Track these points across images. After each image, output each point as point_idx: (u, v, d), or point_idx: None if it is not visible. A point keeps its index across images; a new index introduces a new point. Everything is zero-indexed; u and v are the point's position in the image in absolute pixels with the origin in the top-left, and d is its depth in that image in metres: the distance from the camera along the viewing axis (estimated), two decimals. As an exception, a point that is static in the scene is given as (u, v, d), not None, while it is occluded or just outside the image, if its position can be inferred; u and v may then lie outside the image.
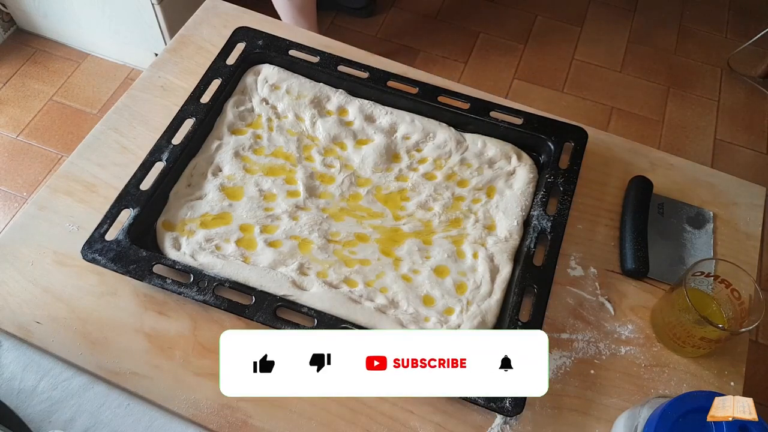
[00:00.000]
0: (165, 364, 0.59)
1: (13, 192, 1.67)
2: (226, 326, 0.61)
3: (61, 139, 1.77)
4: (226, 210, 0.66)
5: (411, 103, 0.74)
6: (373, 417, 0.57)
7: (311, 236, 0.65)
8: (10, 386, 0.57)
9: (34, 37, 1.97)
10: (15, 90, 1.86)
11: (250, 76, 0.76)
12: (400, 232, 0.66)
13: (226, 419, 0.56)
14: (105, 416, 0.56)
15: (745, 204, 0.73)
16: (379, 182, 0.70)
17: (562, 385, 0.60)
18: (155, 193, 0.65)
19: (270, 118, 0.73)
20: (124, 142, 0.73)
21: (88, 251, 0.60)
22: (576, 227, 0.69)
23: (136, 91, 0.77)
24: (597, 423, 0.58)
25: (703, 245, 0.69)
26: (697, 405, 0.48)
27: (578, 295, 0.65)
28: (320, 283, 0.61)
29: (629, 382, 0.61)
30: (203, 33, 0.83)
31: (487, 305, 0.61)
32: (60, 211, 0.67)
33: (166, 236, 0.64)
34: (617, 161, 0.75)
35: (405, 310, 0.61)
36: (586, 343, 0.62)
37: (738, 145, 1.88)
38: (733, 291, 0.60)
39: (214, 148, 0.70)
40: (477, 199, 0.69)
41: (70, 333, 0.60)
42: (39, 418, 0.56)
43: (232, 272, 0.61)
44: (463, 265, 0.64)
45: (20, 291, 0.62)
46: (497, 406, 0.55)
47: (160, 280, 0.59)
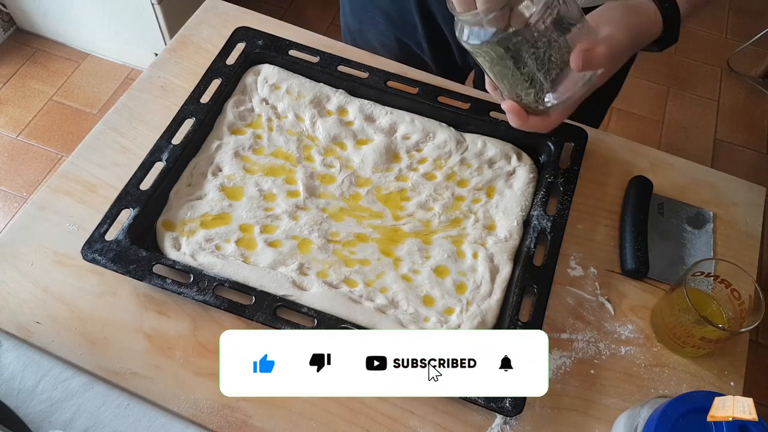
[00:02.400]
0: (165, 364, 0.59)
1: (13, 192, 1.67)
2: (226, 326, 0.61)
3: (61, 139, 1.77)
4: (226, 210, 0.66)
5: (411, 103, 0.74)
6: (373, 417, 0.57)
7: (311, 236, 0.65)
8: (10, 386, 0.57)
9: (34, 37, 1.97)
10: (15, 90, 1.86)
11: (250, 76, 0.76)
12: (400, 232, 0.66)
13: (226, 419, 0.56)
14: (105, 416, 0.56)
15: (745, 204, 0.73)
16: (379, 182, 0.70)
17: (562, 385, 0.60)
18: (155, 193, 0.65)
19: (270, 118, 0.73)
20: (124, 142, 0.73)
21: (88, 251, 0.60)
22: (576, 227, 0.69)
23: (136, 91, 0.77)
24: (597, 423, 0.58)
25: (703, 245, 0.69)
26: (697, 405, 0.48)
27: (578, 295, 0.65)
28: (320, 283, 0.61)
29: (629, 382, 0.61)
30: (203, 33, 0.83)
31: (487, 305, 0.61)
32: (60, 211, 0.67)
33: (166, 236, 0.64)
34: (617, 161, 0.75)
35: (405, 310, 0.61)
36: (586, 343, 0.62)
37: (738, 145, 1.88)
38: (733, 291, 0.60)
39: (214, 148, 0.70)
40: (477, 199, 0.69)
41: (70, 333, 0.60)
42: (39, 418, 0.56)
43: (232, 272, 0.61)
44: (463, 265, 0.64)
45: (20, 291, 0.62)
46: (497, 406, 0.55)
47: (160, 280, 0.59)
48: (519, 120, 0.56)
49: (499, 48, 0.51)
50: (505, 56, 0.51)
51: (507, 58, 0.51)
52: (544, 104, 0.55)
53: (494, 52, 0.51)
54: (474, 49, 0.52)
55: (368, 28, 0.89)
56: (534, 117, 0.56)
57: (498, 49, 0.51)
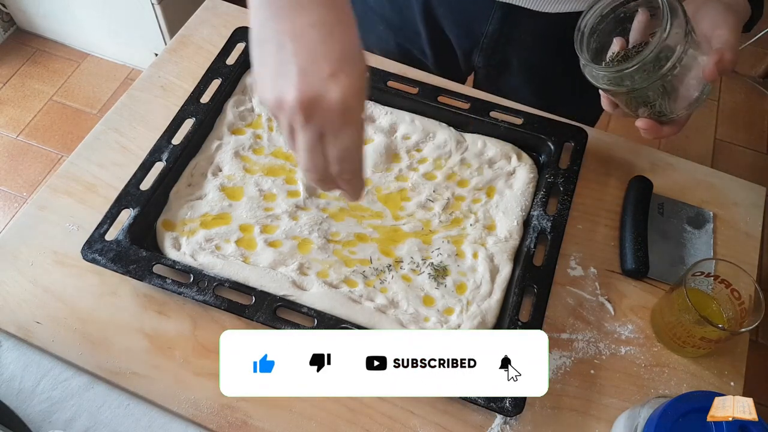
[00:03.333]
0: (165, 364, 0.59)
1: (13, 192, 1.67)
2: (226, 326, 0.61)
3: (61, 139, 1.77)
4: (226, 210, 0.66)
5: (411, 103, 0.74)
6: (373, 417, 0.57)
7: (311, 236, 0.65)
8: (10, 386, 0.57)
9: (34, 37, 1.97)
10: (15, 90, 1.86)
11: (250, 76, 0.76)
12: (400, 232, 0.66)
13: (226, 419, 0.56)
14: (105, 416, 0.56)
15: (745, 204, 0.73)
16: (379, 182, 0.70)
17: (562, 385, 0.60)
18: (155, 193, 0.65)
19: (270, 118, 0.73)
20: (124, 142, 0.73)
21: (88, 251, 0.60)
22: (576, 227, 0.69)
23: (136, 91, 0.77)
24: (597, 423, 0.58)
25: (703, 245, 0.69)
26: (697, 405, 0.48)
27: (578, 295, 0.65)
28: (320, 283, 0.61)
29: (629, 382, 0.61)
30: (203, 33, 0.83)
31: (487, 305, 0.61)
32: (60, 211, 0.67)
33: (166, 236, 0.64)
34: (617, 161, 0.75)
35: (405, 310, 0.61)
36: (586, 343, 0.62)
37: (738, 145, 1.88)
38: (733, 291, 0.60)
39: (214, 148, 0.70)
40: (477, 199, 0.69)
41: (70, 333, 0.60)
42: (39, 418, 0.56)
43: (232, 272, 0.61)
44: (463, 265, 0.64)
45: (20, 291, 0.62)
46: (497, 406, 0.55)
47: (160, 280, 0.59)
48: (655, 133, 0.60)
49: (645, 91, 0.57)
50: (646, 89, 0.57)
51: (648, 89, 0.57)
52: (676, 113, 0.60)
53: (636, 93, 0.57)
54: (614, 90, 0.58)
55: (368, 35, 0.89)
56: (666, 126, 0.61)
57: (644, 92, 0.57)
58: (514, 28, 0.76)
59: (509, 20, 0.75)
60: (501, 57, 0.81)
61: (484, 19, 0.76)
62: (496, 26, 0.77)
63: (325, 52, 0.41)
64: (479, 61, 0.84)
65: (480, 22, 0.77)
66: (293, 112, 0.42)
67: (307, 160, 0.45)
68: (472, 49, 0.82)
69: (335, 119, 0.42)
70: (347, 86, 0.41)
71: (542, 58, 0.80)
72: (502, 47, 0.80)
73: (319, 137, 0.44)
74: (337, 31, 0.42)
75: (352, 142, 0.44)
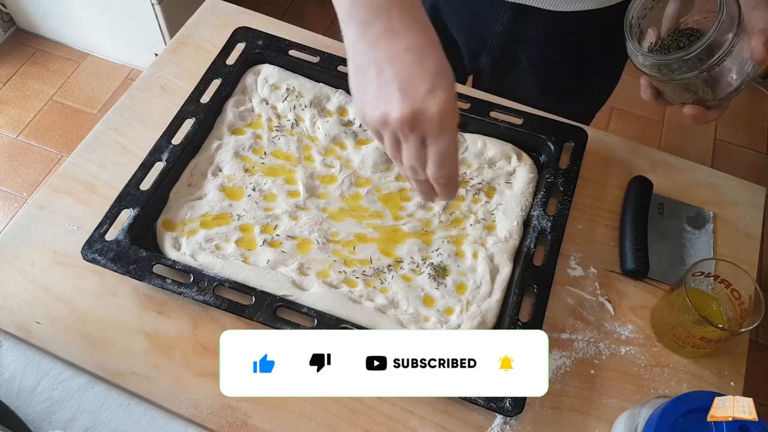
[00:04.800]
0: (165, 364, 0.59)
1: (13, 192, 1.67)
2: (226, 326, 0.61)
3: (61, 139, 1.77)
4: (226, 210, 0.66)
5: (411, 103, 0.74)
6: (373, 417, 0.57)
7: (311, 236, 0.65)
8: (10, 386, 0.57)
9: (34, 37, 1.97)
10: (15, 90, 1.86)
11: (250, 76, 0.76)
12: (400, 232, 0.66)
13: (226, 419, 0.56)
14: (105, 416, 0.56)
15: (745, 204, 0.73)
16: (379, 182, 0.70)
17: (562, 385, 0.60)
18: (155, 193, 0.65)
19: (270, 118, 0.73)
20: (124, 142, 0.73)
21: (88, 251, 0.60)
22: (576, 227, 0.69)
23: (136, 91, 0.77)
24: (597, 423, 0.58)
25: (703, 245, 0.69)
26: (697, 405, 0.48)
27: (578, 295, 0.65)
28: (320, 283, 0.61)
29: (629, 382, 0.61)
30: (203, 33, 0.83)
31: (487, 305, 0.61)
32: (60, 211, 0.67)
33: (166, 236, 0.64)
34: (617, 161, 0.75)
35: (405, 310, 0.61)
36: (586, 343, 0.62)
37: (738, 145, 1.88)
38: (733, 291, 0.60)
39: (214, 148, 0.70)
40: (477, 199, 0.69)
41: (70, 333, 0.60)
42: (39, 418, 0.56)
43: (232, 272, 0.61)
44: (463, 265, 0.64)
45: (20, 291, 0.62)
46: (497, 406, 0.55)
47: (160, 280, 0.59)
48: (702, 118, 0.61)
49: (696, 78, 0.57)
50: (694, 78, 0.57)
51: (694, 78, 0.57)
52: (720, 98, 0.59)
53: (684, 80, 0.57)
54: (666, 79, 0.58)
55: None
56: (712, 111, 0.61)
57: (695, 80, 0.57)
58: (524, 28, 0.76)
59: (520, 20, 0.75)
60: (509, 56, 0.81)
61: (494, 20, 0.76)
62: (505, 26, 0.77)
63: (420, 72, 0.46)
64: (486, 62, 0.83)
65: (489, 23, 0.77)
66: (398, 128, 0.47)
67: (413, 164, 0.50)
68: (479, 50, 0.82)
69: (435, 129, 0.47)
70: (443, 100, 0.46)
71: (551, 54, 0.80)
72: (511, 47, 0.80)
73: (422, 145, 0.49)
74: (429, 52, 0.47)
75: (451, 146, 0.49)
